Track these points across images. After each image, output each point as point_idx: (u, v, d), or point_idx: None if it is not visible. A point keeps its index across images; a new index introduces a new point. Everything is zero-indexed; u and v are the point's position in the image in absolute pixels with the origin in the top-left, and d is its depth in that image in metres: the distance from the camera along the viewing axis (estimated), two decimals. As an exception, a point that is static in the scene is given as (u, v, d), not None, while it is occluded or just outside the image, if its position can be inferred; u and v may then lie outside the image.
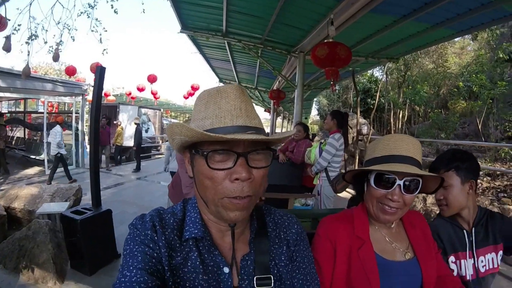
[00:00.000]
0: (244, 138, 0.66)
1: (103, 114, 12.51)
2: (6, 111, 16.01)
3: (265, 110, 20.82)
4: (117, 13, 6.78)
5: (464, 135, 12.51)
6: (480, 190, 7.20)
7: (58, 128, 8.20)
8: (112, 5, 6.69)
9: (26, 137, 14.21)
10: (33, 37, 6.11)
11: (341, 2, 3.88)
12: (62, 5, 5.68)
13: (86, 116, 10.69)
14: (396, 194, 1.04)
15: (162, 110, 23.09)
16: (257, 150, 0.71)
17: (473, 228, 1.41)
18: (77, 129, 10.76)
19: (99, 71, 3.67)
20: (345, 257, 1.11)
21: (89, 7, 6.57)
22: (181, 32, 6.14)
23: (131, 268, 0.68)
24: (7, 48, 3.62)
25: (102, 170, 7.64)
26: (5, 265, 3.45)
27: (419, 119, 18.48)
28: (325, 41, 3.97)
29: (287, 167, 4.91)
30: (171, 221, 0.79)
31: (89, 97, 11.27)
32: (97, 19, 6.72)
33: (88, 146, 9.83)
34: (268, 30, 5.37)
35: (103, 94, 15.77)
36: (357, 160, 9.95)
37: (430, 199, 6.35)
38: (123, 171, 10.29)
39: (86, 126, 10.92)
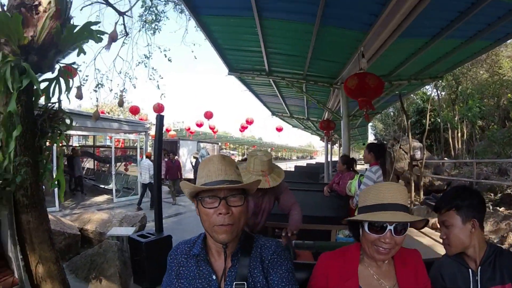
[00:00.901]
0: (219, 187, 1.07)
1: (164, 148, 13.58)
2: (77, 145, 17.87)
3: (320, 139, 20.94)
4: (171, 61, 7.61)
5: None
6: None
7: (148, 161, 9.55)
8: (165, 54, 7.57)
9: (96, 168, 15.76)
10: (100, 86, 7.09)
11: (368, 34, 4.08)
12: (122, 58, 6.60)
13: (149, 150, 11.70)
14: (388, 237, 1.17)
15: (220, 143, 24.19)
16: (234, 194, 1.10)
17: (479, 267, 1.35)
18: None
19: (158, 119, 4.30)
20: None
21: (145, 57, 7.47)
22: (228, 74, 6.74)
23: (164, 279, 1.24)
24: (79, 96, 4.36)
25: (166, 201, 8.36)
26: (77, 275, 4.09)
27: (481, 136, 17.17)
28: (356, 72, 4.20)
29: (332, 199, 4.98)
30: (183, 248, 1.23)
31: (152, 132, 12.47)
32: (153, 68, 7.63)
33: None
34: (307, 66, 5.74)
35: (164, 130, 17.13)
36: (413, 187, 9.61)
37: (488, 225, 5.99)
38: (184, 202, 10.85)
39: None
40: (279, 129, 24.46)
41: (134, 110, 15.27)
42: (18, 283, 2.99)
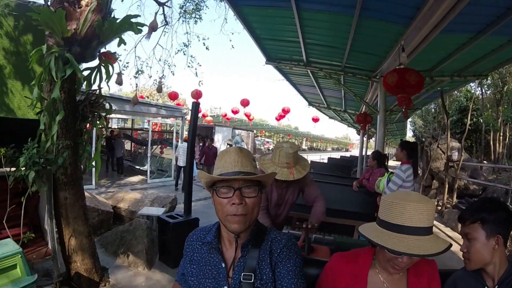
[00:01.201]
0: (235, 178, 1.09)
1: (199, 133, 13.91)
2: (116, 127, 18.65)
3: (356, 132, 20.57)
4: (208, 49, 7.70)
5: None
6: None
7: (186, 145, 9.77)
8: (204, 43, 7.68)
9: (132, 149, 16.44)
10: (140, 72, 7.35)
11: (409, 27, 3.93)
12: (161, 46, 6.80)
13: (185, 134, 12.04)
14: (405, 259, 1.13)
15: (255, 131, 24.36)
16: (248, 186, 1.12)
17: (497, 286, 1.27)
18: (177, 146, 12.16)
19: (194, 107, 4.42)
20: None
21: (184, 45, 7.62)
22: (266, 63, 6.74)
23: (182, 259, 1.29)
24: (119, 82, 4.59)
25: (198, 184, 8.64)
26: (106, 249, 4.37)
27: None
28: (396, 67, 4.04)
29: (360, 195, 4.91)
30: (199, 234, 1.28)
31: (188, 117, 12.79)
32: (192, 56, 7.77)
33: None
34: (345, 57, 5.61)
35: (201, 115, 17.49)
36: (446, 189, 9.23)
37: None
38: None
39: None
40: (315, 120, 24.11)
41: (173, 96, 15.67)
42: (51, 253, 3.26)
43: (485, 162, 14.62)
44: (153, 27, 4.00)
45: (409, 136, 32.51)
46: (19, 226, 2.99)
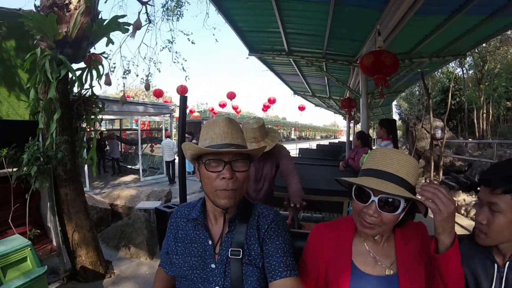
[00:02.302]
0: (226, 150, 1.03)
1: (188, 130, 14.01)
2: (104, 129, 18.59)
3: (343, 118, 20.86)
4: (194, 44, 7.79)
5: None
6: None
7: (169, 140, 10.85)
8: (188, 38, 7.77)
9: (122, 150, 16.43)
10: (127, 72, 7.42)
11: (384, 11, 4.06)
12: (146, 44, 6.88)
13: (174, 131, 12.14)
14: (371, 209, 1.01)
15: (242, 124, 24.52)
16: (238, 160, 1.06)
17: (507, 263, 1.10)
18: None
19: (182, 100, 4.54)
20: (325, 264, 1.16)
21: (169, 42, 7.70)
22: (249, 55, 6.85)
23: (164, 239, 1.26)
24: (108, 82, 4.69)
25: (191, 179, 8.78)
26: (107, 244, 4.53)
27: (508, 117, 16.53)
28: (372, 50, 4.22)
29: (347, 174, 5.03)
30: (183, 211, 1.23)
31: (176, 114, 12.84)
32: (176, 52, 7.86)
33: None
34: (326, 45, 5.76)
35: (188, 111, 17.56)
36: (432, 166, 9.53)
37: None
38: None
39: (174, 139, 12.36)
40: (302, 108, 24.39)
41: (158, 93, 15.68)
42: (56, 249, 3.41)
43: (470, 139, 15.08)
44: (137, 26, 4.12)
45: (396, 119, 33.07)
46: (23, 225, 3.14)
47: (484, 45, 13.30)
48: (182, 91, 13.62)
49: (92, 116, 3.29)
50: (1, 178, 2.93)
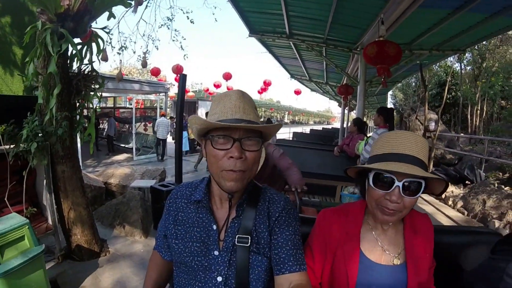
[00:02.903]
0: (236, 125, 0.90)
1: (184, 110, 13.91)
2: (98, 107, 18.29)
3: (338, 105, 20.91)
4: (193, 23, 7.63)
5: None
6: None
7: (164, 119, 11.21)
8: (187, 16, 7.58)
9: (116, 128, 16.30)
10: (123, 48, 7.27)
11: (389, 1, 4.07)
12: (145, 21, 6.70)
13: (168, 110, 12.05)
14: (395, 195, 0.97)
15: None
16: (250, 137, 0.94)
17: None
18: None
19: (181, 79, 4.49)
20: (333, 251, 1.13)
21: (168, 19, 7.52)
22: (249, 36, 6.77)
23: (160, 221, 1.18)
24: (104, 58, 4.56)
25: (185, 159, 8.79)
26: (102, 222, 4.54)
27: (501, 115, 16.73)
28: (376, 40, 4.22)
29: (341, 159, 5.22)
30: (184, 191, 1.12)
31: (170, 93, 12.73)
32: (176, 30, 7.66)
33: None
34: (327, 30, 5.73)
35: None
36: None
37: (490, 201, 6.11)
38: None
39: (168, 119, 12.31)
40: (297, 92, 24.35)
41: (155, 72, 15.47)
42: (51, 228, 3.39)
43: (462, 134, 15.32)
44: (139, 1, 4.01)
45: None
46: (19, 204, 3.10)
47: (484, 42, 13.35)
48: (178, 70, 13.46)
49: (92, 93, 3.24)
50: None
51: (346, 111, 14.58)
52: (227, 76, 18.76)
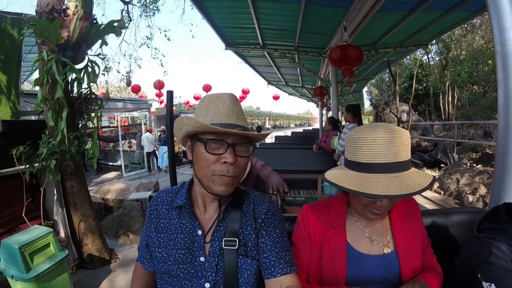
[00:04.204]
0: (233, 131, 0.88)
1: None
2: (98, 125, 18.39)
3: (316, 106, 21.50)
4: (170, 40, 8.04)
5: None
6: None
7: (148, 133, 11.87)
8: (165, 34, 7.99)
9: (100, 147, 16.40)
10: (109, 69, 7.61)
11: (349, 9, 4.56)
12: (126, 42, 7.07)
13: (153, 125, 12.39)
14: (384, 201, 0.98)
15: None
16: (243, 143, 0.93)
17: None
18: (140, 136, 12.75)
19: (169, 95, 4.86)
20: (318, 245, 1.11)
21: (147, 38, 7.91)
22: (226, 49, 7.26)
23: (142, 231, 1.14)
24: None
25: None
26: (107, 234, 4.78)
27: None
28: (340, 44, 4.71)
29: (320, 155, 5.72)
30: (165, 197, 1.09)
31: (152, 108, 13.03)
32: (156, 48, 8.02)
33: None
34: (297, 38, 6.25)
35: (163, 105, 17.72)
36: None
37: (464, 179, 6.57)
38: (189, 171, 11.91)
39: (153, 134, 12.63)
40: (276, 98, 24.94)
41: (136, 89, 15.74)
42: (64, 240, 3.70)
43: (435, 121, 16.14)
44: (121, 25, 4.40)
45: (367, 105, 34.40)
46: (32, 220, 3.40)
47: (449, 33, 14.20)
48: (159, 85, 13.77)
49: (92, 114, 3.59)
50: (6, 176, 3.20)
51: (324, 111, 15.19)
52: (207, 88, 19.17)
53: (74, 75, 3.28)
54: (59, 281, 2.79)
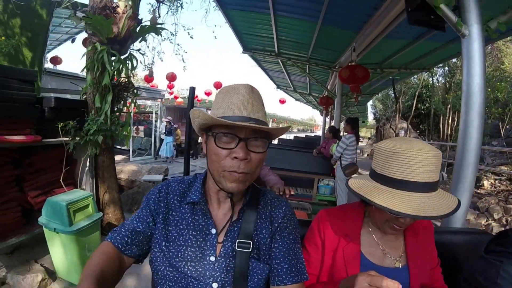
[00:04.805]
0: (243, 124, 0.82)
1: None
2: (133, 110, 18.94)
3: (320, 114, 22.01)
4: (192, 38, 8.57)
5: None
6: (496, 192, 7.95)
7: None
8: (188, 32, 8.50)
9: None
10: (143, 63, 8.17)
11: (359, 33, 5.06)
12: (153, 36, 7.57)
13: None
14: (407, 219, 0.97)
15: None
16: (256, 138, 0.88)
17: None
18: (155, 126, 13.28)
19: (191, 91, 5.42)
20: (331, 253, 1.11)
21: (171, 34, 8.43)
22: (243, 53, 7.84)
23: (133, 216, 1.04)
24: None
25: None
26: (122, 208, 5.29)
27: None
28: (348, 64, 5.28)
29: (319, 159, 6.33)
30: (176, 188, 1.03)
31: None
32: (178, 44, 8.50)
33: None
34: (310, 51, 6.77)
35: (173, 97, 18.23)
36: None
37: None
38: (195, 162, 12.60)
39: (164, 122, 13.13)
40: (282, 101, 25.37)
41: (149, 79, 16.30)
42: (89, 208, 4.19)
43: (431, 141, 16.67)
44: (154, 22, 4.93)
45: (371, 118, 34.95)
46: (67, 186, 3.86)
47: (453, 60, 14.69)
48: (171, 78, 14.32)
49: (129, 100, 4.14)
50: (49, 146, 3.64)
51: (328, 120, 15.74)
52: (218, 85, 19.62)
53: (126, 66, 3.81)
54: (93, 237, 3.28)
